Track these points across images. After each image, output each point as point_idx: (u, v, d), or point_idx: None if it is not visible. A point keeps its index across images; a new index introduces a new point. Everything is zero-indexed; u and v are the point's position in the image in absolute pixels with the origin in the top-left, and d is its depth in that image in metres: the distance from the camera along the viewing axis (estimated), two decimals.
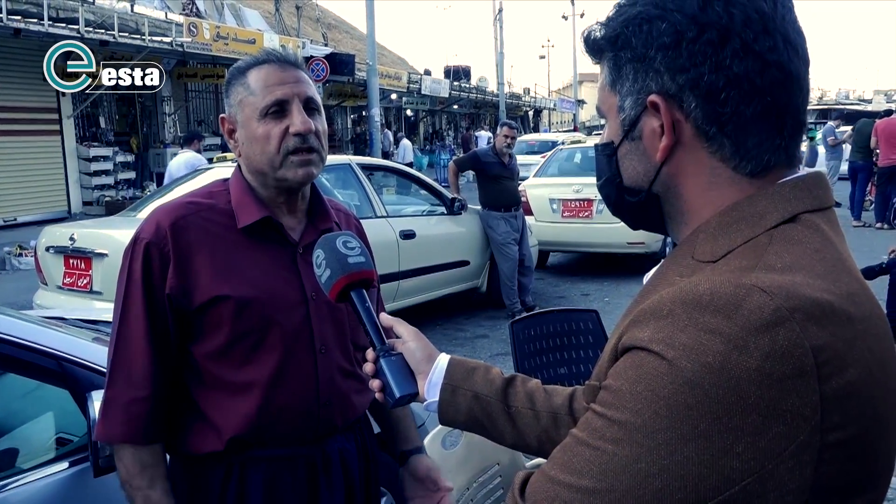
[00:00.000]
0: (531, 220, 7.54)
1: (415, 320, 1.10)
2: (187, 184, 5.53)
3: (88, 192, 14.59)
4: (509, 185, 6.49)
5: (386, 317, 1.07)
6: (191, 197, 1.35)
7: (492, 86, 34.02)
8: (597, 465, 0.62)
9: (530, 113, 40.98)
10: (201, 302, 1.25)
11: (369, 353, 1.03)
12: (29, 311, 2.92)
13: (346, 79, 20.16)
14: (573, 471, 0.63)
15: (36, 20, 12.11)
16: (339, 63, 18.82)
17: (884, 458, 0.65)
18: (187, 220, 1.27)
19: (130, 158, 15.88)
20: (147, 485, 1.23)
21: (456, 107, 32.37)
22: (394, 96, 24.84)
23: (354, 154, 15.14)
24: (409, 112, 29.86)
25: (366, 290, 1.08)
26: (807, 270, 0.63)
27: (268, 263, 1.31)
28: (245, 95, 1.29)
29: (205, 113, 19.14)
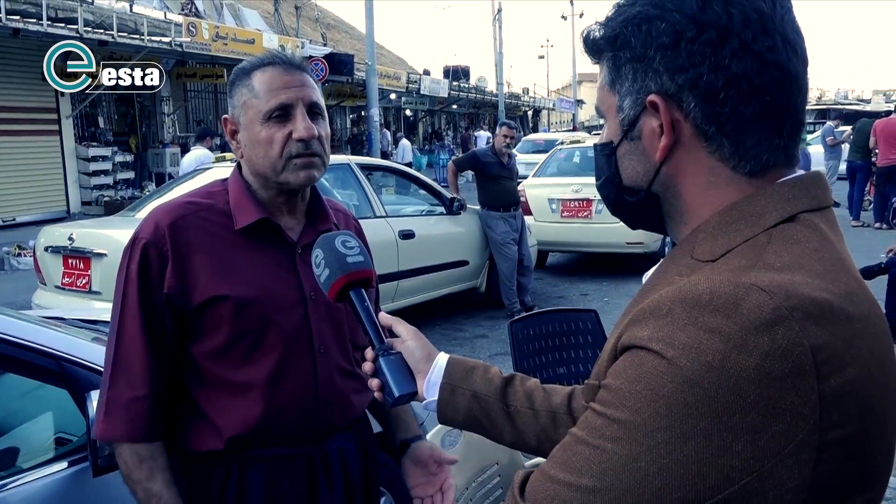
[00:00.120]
0: (530, 219, 7.55)
1: (414, 320, 1.10)
2: (186, 184, 5.53)
3: (87, 192, 14.58)
4: (508, 185, 6.50)
5: (385, 316, 1.07)
6: (189, 197, 1.35)
7: (491, 86, 34.01)
8: (596, 464, 0.62)
9: (529, 113, 40.93)
10: (200, 302, 1.25)
11: (368, 352, 1.03)
12: (28, 311, 2.92)
13: (346, 79, 20.15)
14: (573, 469, 0.63)
15: (35, 20, 12.10)
16: (338, 63, 18.82)
17: (882, 456, 0.65)
18: (186, 221, 1.27)
19: (129, 158, 15.87)
20: (146, 477, 1.23)
21: (455, 107, 32.35)
22: (393, 96, 24.82)
23: (351, 154, 15.14)
24: (408, 112, 29.85)
25: (364, 290, 1.08)
26: (806, 270, 0.63)
27: (266, 263, 1.31)
28: (249, 98, 1.29)
29: (204, 113, 19.13)
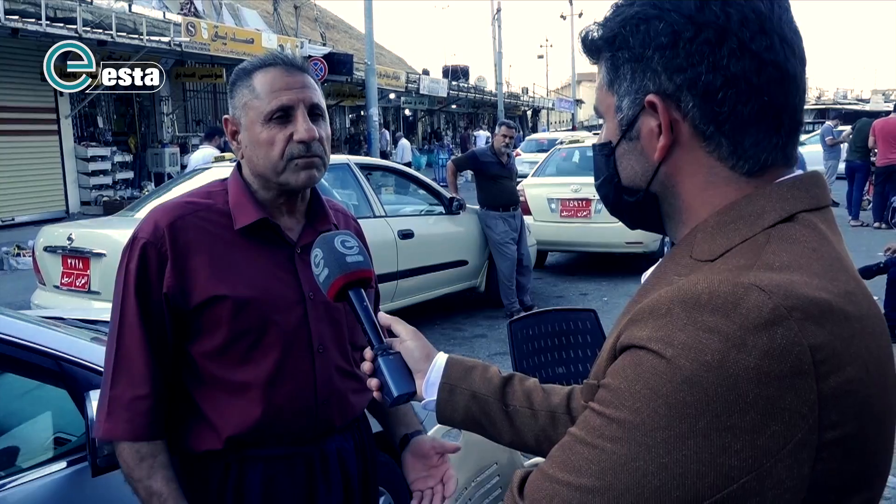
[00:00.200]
0: (529, 219, 7.55)
1: (413, 320, 1.10)
2: (185, 183, 5.53)
3: (86, 192, 14.58)
4: (508, 185, 6.50)
5: (384, 316, 1.07)
6: (189, 197, 1.34)
7: (490, 85, 34.03)
8: (595, 464, 0.62)
9: (528, 113, 40.95)
10: (199, 301, 1.25)
11: (367, 352, 1.03)
12: (27, 311, 2.92)
13: (345, 78, 20.15)
14: (572, 469, 0.64)
15: (34, 20, 12.10)
16: (338, 63, 18.81)
17: (881, 455, 0.65)
18: (185, 220, 1.27)
19: (128, 158, 15.87)
20: (147, 475, 1.22)
21: (454, 106, 32.35)
22: (392, 96, 24.83)
23: (349, 154, 15.14)
24: (407, 112, 29.85)
25: (364, 290, 1.08)
26: (804, 269, 0.63)
27: (265, 263, 1.31)
28: (250, 98, 1.29)
29: (203, 113, 19.12)
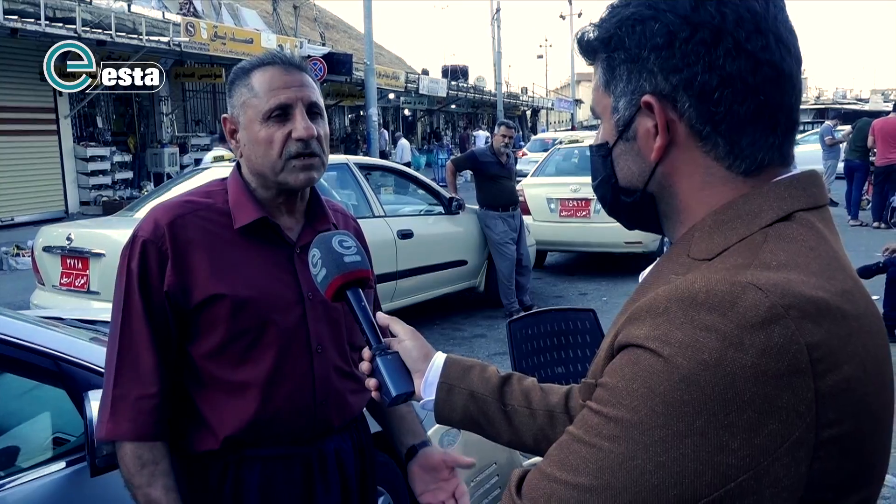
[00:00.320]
0: (529, 219, 7.56)
1: (413, 320, 1.10)
2: (185, 183, 5.53)
3: (86, 192, 14.58)
4: (507, 185, 6.50)
5: (382, 315, 1.07)
6: (189, 196, 1.35)
7: (489, 85, 34.02)
8: (593, 462, 0.62)
9: (528, 112, 40.95)
10: (198, 300, 1.25)
11: (365, 351, 1.03)
12: (26, 311, 2.91)
13: (344, 78, 20.16)
14: (570, 468, 0.64)
15: (33, 20, 12.10)
16: (337, 63, 18.82)
17: (878, 454, 0.65)
18: (185, 219, 1.27)
19: (128, 158, 15.87)
20: (146, 482, 1.21)
21: (454, 106, 32.35)
22: (391, 96, 24.83)
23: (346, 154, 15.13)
24: (406, 112, 29.85)
25: (362, 290, 1.08)
26: (802, 268, 0.64)
27: (265, 263, 1.31)
28: (248, 97, 1.29)
29: (202, 113, 19.13)
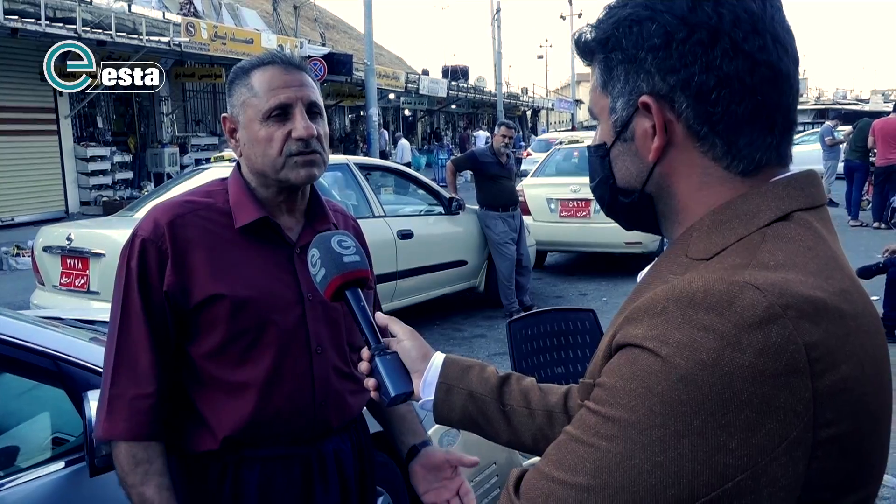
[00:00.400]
0: (529, 219, 7.56)
1: (413, 320, 1.10)
2: (185, 183, 5.53)
3: (86, 192, 14.58)
4: (507, 185, 6.50)
5: (381, 316, 1.07)
6: (189, 196, 1.35)
7: (490, 86, 34.01)
8: (591, 462, 0.62)
9: (528, 113, 40.94)
10: (198, 300, 1.25)
11: (364, 351, 1.03)
12: (26, 311, 2.92)
13: (344, 79, 20.16)
14: (567, 468, 0.63)
15: (33, 20, 12.10)
16: (337, 63, 18.82)
17: (877, 454, 0.65)
18: (185, 219, 1.27)
19: (128, 158, 15.88)
20: (140, 481, 1.21)
21: (454, 107, 32.35)
22: (392, 96, 24.82)
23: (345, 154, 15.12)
24: (406, 112, 29.85)
25: (361, 290, 1.08)
26: (799, 268, 0.63)
27: (265, 263, 1.31)
28: (248, 97, 1.29)
29: (202, 113, 19.13)
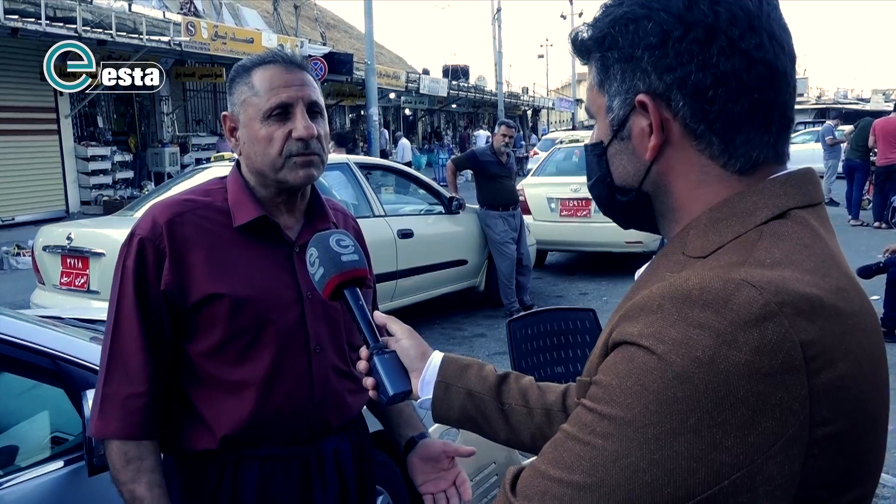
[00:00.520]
0: (529, 219, 7.56)
1: (413, 319, 1.10)
2: (185, 182, 5.53)
3: (86, 192, 14.58)
4: (507, 185, 6.50)
5: (380, 315, 1.07)
6: (187, 194, 1.34)
7: (490, 85, 34.01)
8: (587, 460, 0.62)
9: (529, 112, 40.92)
10: (196, 299, 1.25)
11: (363, 350, 1.03)
12: (26, 311, 2.92)
13: (345, 78, 20.15)
14: (563, 465, 0.63)
15: (33, 19, 12.10)
16: (338, 62, 18.81)
17: (873, 452, 0.65)
18: (184, 218, 1.27)
19: (128, 158, 15.88)
20: (131, 479, 1.21)
21: (454, 106, 32.33)
22: (392, 95, 24.81)
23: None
24: (407, 111, 29.82)
25: (359, 289, 1.08)
26: (796, 266, 0.63)
27: (264, 262, 1.31)
28: (249, 95, 1.29)
29: (203, 113, 19.13)
